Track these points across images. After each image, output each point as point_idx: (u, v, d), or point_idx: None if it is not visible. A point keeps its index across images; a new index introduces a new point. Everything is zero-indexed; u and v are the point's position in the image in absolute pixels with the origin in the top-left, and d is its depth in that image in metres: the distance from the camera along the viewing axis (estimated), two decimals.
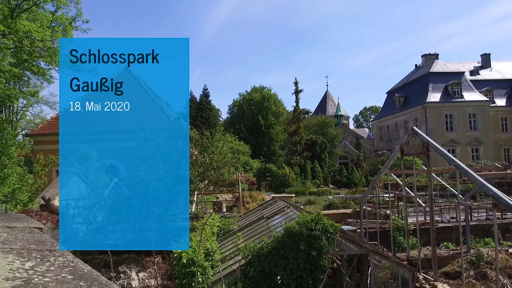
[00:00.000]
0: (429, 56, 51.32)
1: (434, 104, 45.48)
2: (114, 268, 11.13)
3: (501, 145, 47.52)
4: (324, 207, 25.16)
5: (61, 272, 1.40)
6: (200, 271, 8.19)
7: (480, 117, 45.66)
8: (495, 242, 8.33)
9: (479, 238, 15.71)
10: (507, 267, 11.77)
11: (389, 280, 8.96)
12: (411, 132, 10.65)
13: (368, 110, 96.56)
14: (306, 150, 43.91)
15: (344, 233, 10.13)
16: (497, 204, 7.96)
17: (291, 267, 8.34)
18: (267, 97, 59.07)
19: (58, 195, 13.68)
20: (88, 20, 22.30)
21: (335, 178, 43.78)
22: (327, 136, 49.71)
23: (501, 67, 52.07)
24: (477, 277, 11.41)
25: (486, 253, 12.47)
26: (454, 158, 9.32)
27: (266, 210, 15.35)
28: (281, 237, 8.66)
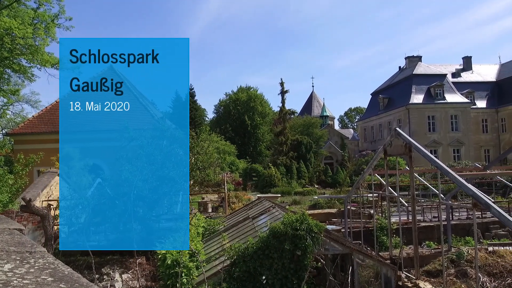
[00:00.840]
0: (413, 58, 52.25)
1: (417, 106, 46.31)
2: (97, 269, 10.97)
3: (481, 146, 48.71)
4: (309, 207, 25.35)
5: (41, 274, 1.38)
6: (185, 272, 8.15)
7: (462, 119, 46.71)
8: (475, 241, 8.54)
9: (460, 237, 16.08)
10: (486, 265, 12.06)
11: (370, 279, 9.09)
12: (394, 133, 10.83)
13: (353, 111, 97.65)
14: (292, 150, 44.15)
15: (329, 232, 10.23)
16: (476, 203, 8.16)
17: (276, 267, 8.38)
18: (254, 97, 59.12)
19: (39, 196, 13.41)
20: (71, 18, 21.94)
21: (320, 178, 44.13)
22: (312, 136, 50.07)
23: (481, 70, 53.39)
24: (458, 275, 11.68)
25: (466, 251, 12.77)
26: (435, 158, 9.52)
27: (251, 210, 15.38)
28: (266, 237, 8.69)
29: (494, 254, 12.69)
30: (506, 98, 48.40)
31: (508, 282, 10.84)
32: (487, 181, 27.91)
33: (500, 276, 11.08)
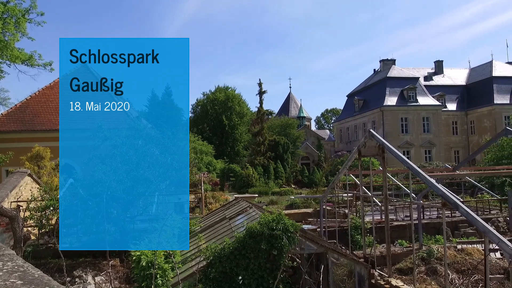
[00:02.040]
0: (387, 61, 53.52)
1: (390, 108, 47.48)
2: (68, 272, 10.70)
3: (451, 147, 50.46)
4: (286, 206, 25.55)
5: (10, 277, 1.36)
6: (160, 274, 8.07)
7: (433, 121, 48.23)
8: (444, 239, 8.85)
9: (431, 236, 16.59)
10: (455, 263, 12.48)
11: (342, 277, 9.26)
12: (368, 134, 11.08)
13: (329, 112, 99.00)
14: (270, 151, 44.36)
15: (305, 232, 10.35)
16: (445, 203, 8.47)
17: (252, 267, 8.41)
18: (231, 97, 58.97)
19: (7, 197, 12.92)
20: (43, 13, 21.31)
21: (297, 178, 44.57)
22: (289, 137, 50.47)
23: (452, 74, 55.31)
24: (428, 273, 12.04)
25: (436, 249, 13.18)
26: (406, 159, 9.80)
27: (228, 211, 15.35)
28: (242, 237, 8.71)
29: (462, 252, 13.16)
30: (475, 101, 50.34)
31: (475, 279, 11.26)
32: (456, 181, 28.91)
33: (468, 273, 11.49)
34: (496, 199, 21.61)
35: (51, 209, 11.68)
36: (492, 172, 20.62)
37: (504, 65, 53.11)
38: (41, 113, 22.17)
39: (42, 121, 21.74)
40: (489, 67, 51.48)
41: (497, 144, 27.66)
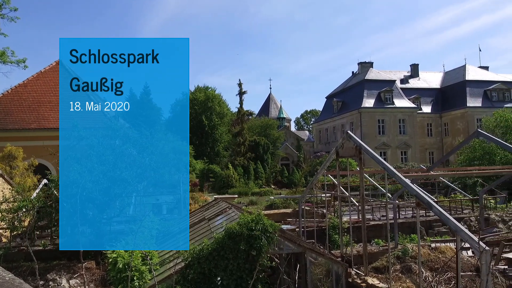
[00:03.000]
0: (365, 64, 54.52)
1: (368, 109, 48.39)
2: (42, 275, 10.40)
3: (426, 148, 51.86)
4: (266, 207, 25.63)
5: None
6: (137, 276, 7.95)
7: (409, 123, 49.44)
8: (418, 238, 9.09)
9: (406, 235, 16.97)
10: (429, 261, 12.83)
11: (319, 276, 9.39)
12: (346, 135, 11.26)
13: (309, 114, 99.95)
14: (250, 151, 44.43)
15: (283, 232, 10.42)
16: (419, 203, 8.71)
17: (231, 268, 8.40)
18: (211, 98, 58.64)
19: None
20: (16, 8, 20.68)
21: (277, 178, 44.82)
22: (269, 137, 50.70)
23: (427, 77, 56.86)
24: (403, 271, 12.33)
25: (411, 248, 13.51)
26: (382, 160, 10.03)
27: (208, 212, 15.27)
28: (221, 238, 8.69)
29: (436, 250, 13.55)
30: (449, 104, 51.92)
31: (448, 276, 11.60)
32: (431, 181, 29.70)
33: (441, 271, 11.82)
34: (468, 199, 22.33)
35: (24, 210, 11.35)
36: (464, 172, 21.34)
37: (476, 69, 55.00)
38: (14, 111, 21.49)
39: (15, 120, 21.08)
40: (462, 71, 53.19)
41: (469, 146, 28.64)
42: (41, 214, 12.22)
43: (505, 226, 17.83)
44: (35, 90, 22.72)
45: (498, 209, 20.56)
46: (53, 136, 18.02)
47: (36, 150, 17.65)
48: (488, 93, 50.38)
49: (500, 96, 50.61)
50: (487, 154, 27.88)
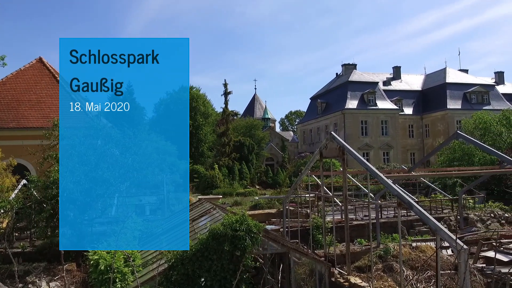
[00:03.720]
0: (348, 66, 55.21)
1: (351, 111, 49.00)
2: (21, 278, 10.16)
3: (408, 149, 52.84)
4: (250, 207, 25.64)
5: None
6: (119, 278, 7.85)
7: (391, 124, 50.29)
8: (399, 238, 9.25)
9: (388, 234, 17.24)
10: (410, 260, 13.07)
11: (302, 276, 9.45)
12: (329, 136, 11.37)
13: (293, 114, 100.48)
14: (235, 152, 44.39)
15: (268, 232, 10.45)
16: (400, 203, 8.87)
17: (215, 269, 8.38)
18: (196, 98, 58.31)
19: None
20: None
21: (262, 179, 44.89)
22: (254, 138, 50.76)
23: (409, 79, 57.94)
24: (385, 270, 12.53)
25: (393, 247, 13.75)
26: (365, 161, 10.17)
27: (192, 212, 15.18)
28: (205, 239, 8.65)
29: (416, 249, 13.82)
30: (430, 106, 53.04)
31: (428, 275, 11.84)
32: (412, 182, 30.24)
33: (421, 269, 12.05)
34: (448, 199, 22.83)
35: (2, 211, 11.06)
36: (444, 173, 21.82)
37: (457, 72, 56.36)
38: None
39: None
40: (443, 74, 54.42)
41: (449, 147, 29.31)
42: (20, 215, 11.94)
43: (483, 225, 18.30)
44: (14, 88, 22.18)
45: (476, 209, 21.08)
46: (33, 135, 17.60)
47: (15, 150, 17.22)
48: (467, 95, 51.69)
49: (479, 98, 51.99)
50: (466, 155, 28.59)
